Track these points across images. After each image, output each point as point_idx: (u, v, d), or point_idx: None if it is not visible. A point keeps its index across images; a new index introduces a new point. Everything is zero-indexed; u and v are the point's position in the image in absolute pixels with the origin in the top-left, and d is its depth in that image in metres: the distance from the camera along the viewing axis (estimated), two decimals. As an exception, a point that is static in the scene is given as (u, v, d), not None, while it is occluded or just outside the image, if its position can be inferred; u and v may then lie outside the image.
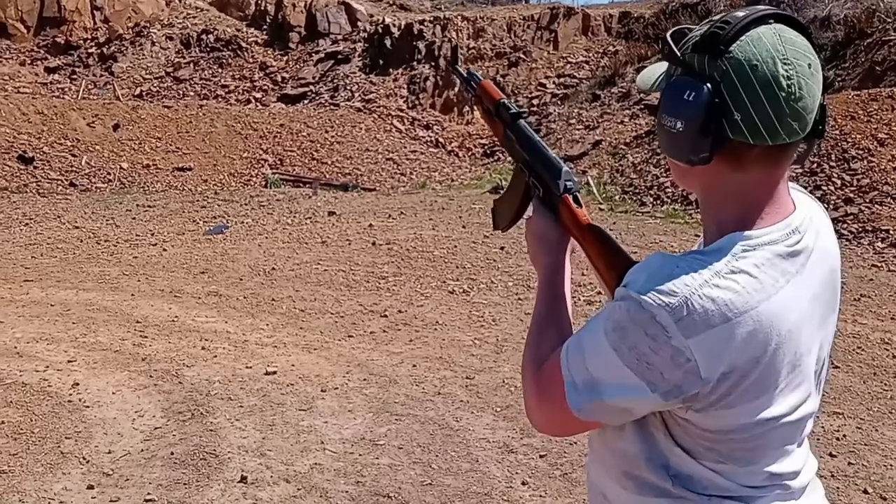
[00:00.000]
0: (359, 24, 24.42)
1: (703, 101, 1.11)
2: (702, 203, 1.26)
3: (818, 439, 4.18)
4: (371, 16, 24.72)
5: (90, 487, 3.76)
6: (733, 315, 1.10)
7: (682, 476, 1.24)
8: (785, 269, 1.16)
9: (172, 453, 4.11)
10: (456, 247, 9.35)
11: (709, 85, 1.11)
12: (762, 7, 1.16)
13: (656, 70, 1.27)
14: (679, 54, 1.18)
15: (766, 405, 1.18)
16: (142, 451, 4.16)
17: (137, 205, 13.87)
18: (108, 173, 16.83)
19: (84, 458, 4.06)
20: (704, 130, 1.11)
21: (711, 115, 1.11)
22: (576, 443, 4.21)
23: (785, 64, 1.10)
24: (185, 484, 3.79)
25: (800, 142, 1.17)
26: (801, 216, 1.22)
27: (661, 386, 1.14)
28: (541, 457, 4.09)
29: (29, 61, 24.53)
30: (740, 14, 1.14)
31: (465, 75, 1.71)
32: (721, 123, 1.11)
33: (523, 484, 3.83)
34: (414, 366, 5.51)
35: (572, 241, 1.45)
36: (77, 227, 11.53)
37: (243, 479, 3.81)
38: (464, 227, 10.73)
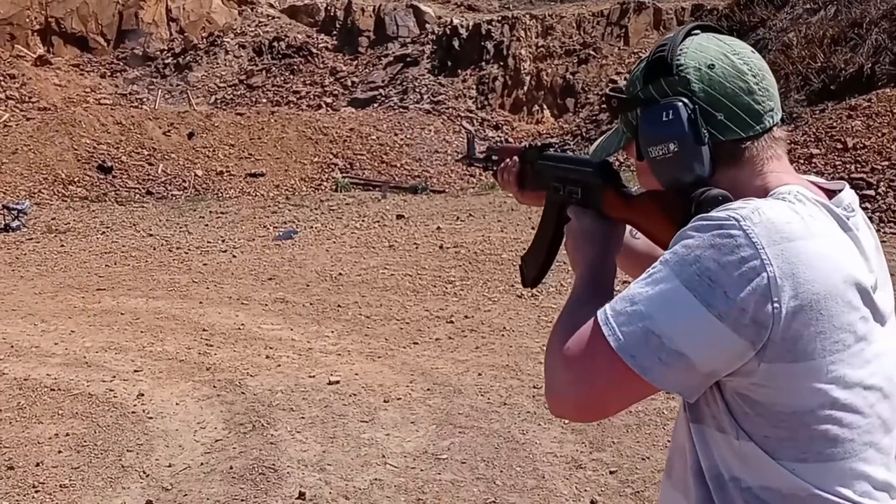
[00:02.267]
0: (427, 26, 24.42)
1: (684, 113, 1.12)
2: None
3: None
4: (439, 17, 24.68)
5: (149, 503, 3.70)
6: (797, 237, 1.02)
7: (757, 488, 1.08)
8: (834, 224, 1.10)
9: (231, 467, 4.03)
10: (524, 249, 9.14)
11: (681, 98, 1.13)
12: (686, 25, 1.23)
13: (605, 138, 1.32)
14: (634, 97, 1.20)
15: (840, 362, 1.04)
16: (201, 464, 4.10)
17: (210, 211, 14.06)
18: (184, 181, 17.17)
19: (144, 472, 4.02)
20: (698, 138, 1.11)
21: (697, 121, 1.12)
22: (648, 458, 4.00)
23: (735, 55, 1.15)
24: (242, 500, 3.70)
25: (780, 119, 1.17)
26: (852, 195, 1.19)
27: (724, 309, 1.00)
28: (611, 473, 3.88)
29: (109, 73, 25.26)
30: (672, 34, 1.20)
31: (484, 155, 1.78)
32: (709, 132, 1.12)
33: (592, 503, 3.63)
34: (480, 374, 5.35)
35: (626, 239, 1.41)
36: (151, 235, 11.73)
37: (301, 495, 3.70)
38: (533, 228, 10.48)
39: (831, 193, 1.17)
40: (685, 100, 1.13)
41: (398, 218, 12.15)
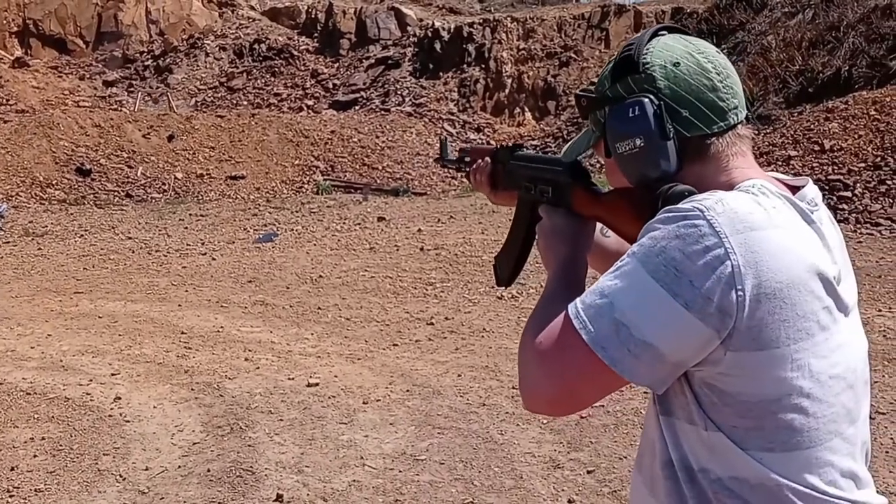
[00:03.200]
0: (408, 28, 24.42)
1: (650, 108, 1.14)
2: None
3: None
4: (420, 20, 24.70)
5: (125, 506, 3.68)
6: (759, 226, 1.04)
7: (726, 479, 1.09)
8: (797, 217, 1.12)
9: (209, 470, 4.01)
10: (505, 251, 9.16)
11: (647, 94, 1.15)
12: (653, 26, 1.25)
13: (575, 139, 1.36)
14: (602, 95, 1.22)
15: (804, 350, 1.06)
16: (179, 467, 4.08)
17: (190, 214, 13.99)
18: (163, 184, 17.07)
19: (121, 476, 3.99)
20: (664, 134, 1.13)
21: (662, 117, 1.14)
22: (626, 457, 4.01)
23: (700, 53, 1.17)
24: (219, 503, 3.68)
25: (745, 116, 1.20)
26: (815, 190, 1.21)
27: (690, 297, 1.02)
28: (588, 472, 3.89)
29: (88, 76, 25.07)
30: (639, 35, 1.23)
31: (457, 156, 1.81)
32: (674, 128, 1.14)
33: (570, 502, 3.63)
34: (459, 376, 5.35)
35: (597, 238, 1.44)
36: (130, 238, 11.65)
37: (279, 497, 3.69)
38: (514, 230, 10.54)
39: (795, 189, 1.19)
40: (651, 96, 1.14)
41: (379, 220, 12.14)
